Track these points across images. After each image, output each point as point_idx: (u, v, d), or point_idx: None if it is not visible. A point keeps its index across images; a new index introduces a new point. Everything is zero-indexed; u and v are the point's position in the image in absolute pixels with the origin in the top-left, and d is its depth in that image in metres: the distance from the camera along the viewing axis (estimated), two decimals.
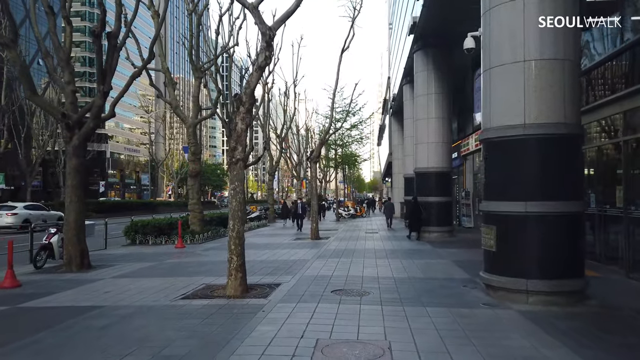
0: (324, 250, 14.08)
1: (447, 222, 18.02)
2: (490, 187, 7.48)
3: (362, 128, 34.95)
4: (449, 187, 18.45)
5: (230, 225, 8.03)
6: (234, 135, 8.04)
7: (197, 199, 19.24)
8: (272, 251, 14.29)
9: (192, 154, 19.14)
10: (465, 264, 10.86)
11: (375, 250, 14.19)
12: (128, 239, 17.93)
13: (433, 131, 17.86)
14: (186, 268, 11.19)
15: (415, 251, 13.80)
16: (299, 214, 23.41)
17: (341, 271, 10.04)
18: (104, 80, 11.37)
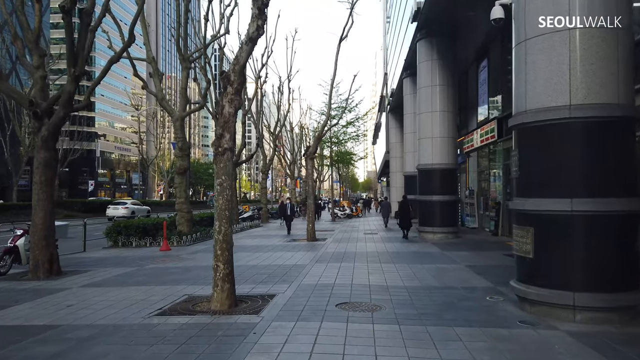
0: (322, 254, 12.86)
1: (452, 222, 16.87)
2: (526, 181, 6.29)
3: (359, 125, 33.88)
4: (454, 185, 17.32)
5: (216, 227, 6.79)
6: (220, 120, 6.80)
7: (185, 198, 17.95)
8: (265, 254, 13.04)
9: (179, 149, 17.84)
10: (481, 270, 9.68)
11: (378, 253, 13.00)
12: (110, 240, 16.61)
13: (437, 125, 16.70)
14: (168, 274, 9.92)
15: (422, 254, 12.62)
16: (288, 215, 20.74)
17: (344, 278, 8.82)
18: (75, 62, 10.06)
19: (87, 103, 11.32)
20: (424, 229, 16.95)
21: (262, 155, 33.18)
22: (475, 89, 20.61)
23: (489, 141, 17.96)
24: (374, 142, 69.73)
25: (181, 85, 18.33)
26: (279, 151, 43.41)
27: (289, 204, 21.01)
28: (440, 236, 16.52)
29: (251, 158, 29.11)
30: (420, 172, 17.37)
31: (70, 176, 79.91)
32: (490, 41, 18.03)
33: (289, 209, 20.77)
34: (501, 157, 17.30)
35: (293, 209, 21.65)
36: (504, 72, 17.23)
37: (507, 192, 17.02)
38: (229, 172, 6.83)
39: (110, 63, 11.87)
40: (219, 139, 6.78)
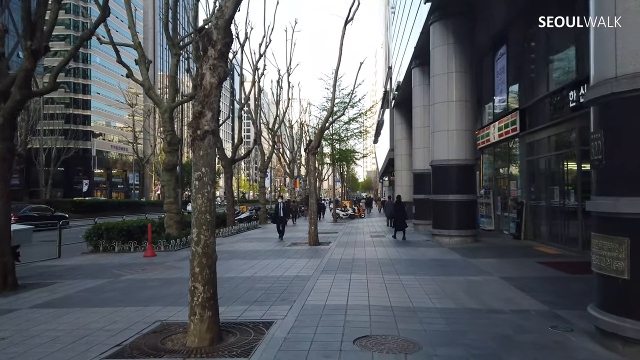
0: (328, 261, 11.17)
1: (471, 224, 15.18)
2: (616, 174, 4.60)
3: (362, 121, 32.18)
4: (473, 183, 15.64)
5: (194, 236, 5.11)
6: (200, 94, 5.12)
7: (175, 197, 16.26)
8: (262, 262, 11.35)
9: (168, 143, 16.15)
10: (521, 284, 8.00)
11: (391, 260, 11.31)
12: (89, 245, 14.93)
13: (454, 116, 15.01)
14: (145, 289, 8.24)
15: (443, 262, 10.93)
16: (281, 217, 17.95)
17: (358, 297, 7.14)
18: (32, 34, 8.37)
19: (52, 86, 9.61)
20: (439, 232, 15.27)
21: (261, 153, 31.49)
22: (491, 79, 18.93)
23: (509, 135, 16.30)
24: (376, 141, 68.03)
25: (170, 73, 16.63)
26: (278, 149, 41.76)
27: (282, 204, 18.29)
28: (457, 240, 14.85)
29: (248, 155, 27.39)
30: (434, 169, 15.69)
31: (65, 176, 78.35)
32: (510, 25, 16.37)
33: (281, 209, 18.03)
34: (524, 152, 15.63)
35: (288, 210, 19.03)
36: (527, 58, 15.57)
37: (530, 191, 15.36)
38: (210, 163, 5.14)
39: (82, 40, 10.21)
40: (197, 118, 5.09)
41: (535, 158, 14.99)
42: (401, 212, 16.79)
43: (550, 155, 13.98)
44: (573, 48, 12.35)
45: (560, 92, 12.63)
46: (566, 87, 12.21)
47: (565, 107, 12.14)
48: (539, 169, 14.83)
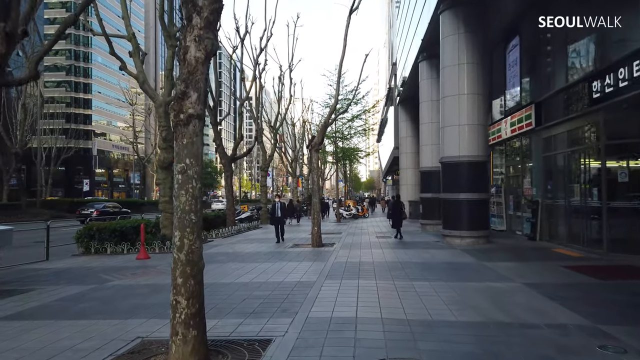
0: (333, 265, 10.33)
1: (483, 224, 14.33)
2: None
3: (366, 118, 31.33)
4: (486, 181, 14.79)
5: (176, 240, 4.28)
6: (183, 70, 4.30)
7: (171, 196, 15.45)
8: (261, 266, 10.53)
9: (163, 140, 15.35)
10: (550, 292, 7.16)
11: (401, 263, 10.46)
12: (80, 246, 14.16)
13: (465, 111, 14.16)
14: (130, 297, 7.43)
15: (457, 266, 10.08)
16: (278, 217, 16.28)
17: (369, 307, 6.31)
18: (6, 15, 7.56)
19: (32, 74, 8.81)
20: (449, 232, 14.43)
21: (262, 151, 30.67)
22: (502, 73, 18.06)
23: (522, 130, 15.42)
24: (379, 140, 67.14)
25: (166, 66, 15.83)
26: (280, 148, 40.98)
27: (278, 203, 16.58)
28: (469, 241, 14.00)
29: (249, 152, 26.57)
30: (444, 166, 14.84)
31: (66, 175, 77.87)
32: (523, 15, 15.50)
33: (278, 209, 16.34)
34: (539, 148, 14.77)
35: (285, 210, 17.29)
36: (542, 49, 14.71)
37: (546, 189, 14.51)
38: (196, 153, 4.32)
39: (65, 25, 9.41)
40: (180, 99, 4.27)
41: (552, 154, 14.12)
42: (398, 211, 16.88)
43: (570, 151, 13.12)
44: (594, 35, 11.50)
45: (580, 83, 11.77)
46: (588, 78, 11.36)
47: (587, 99, 11.28)
48: (557, 166, 13.97)
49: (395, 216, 16.95)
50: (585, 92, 11.47)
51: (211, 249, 14.40)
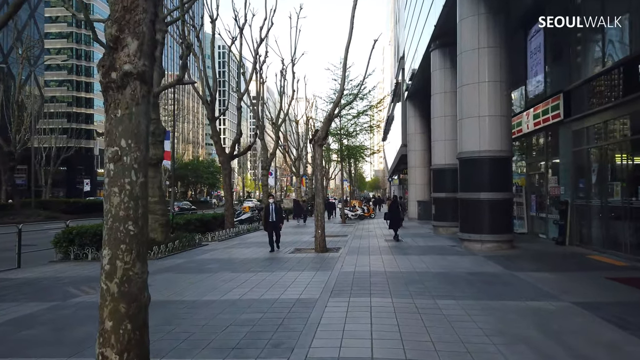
0: (339, 276, 8.87)
1: (506, 227, 12.82)
2: None
3: (372, 114, 29.84)
4: (509, 179, 13.27)
5: (104, 262, 2.84)
6: (116, 5, 2.86)
7: (160, 197, 14.08)
8: (256, 277, 9.08)
9: (150, 134, 13.93)
10: (609, 314, 5.69)
11: (418, 274, 8.99)
12: (59, 252, 12.78)
13: (487, 100, 12.67)
14: (89, 322, 6.00)
15: (484, 278, 8.59)
16: (273, 222, 13.69)
17: (388, 341, 4.84)
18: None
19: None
20: (468, 236, 12.94)
21: (264, 149, 29.27)
22: (522, 61, 16.53)
23: (548, 123, 13.92)
24: (384, 139, 65.61)
25: None
26: (282, 146, 39.55)
27: (272, 205, 13.85)
28: (490, 246, 12.52)
29: (248, 150, 25.16)
30: (462, 163, 13.36)
31: (67, 175, 76.90)
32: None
33: (273, 212, 13.73)
34: (568, 142, 13.25)
35: (282, 213, 14.56)
36: (572, 32, 13.18)
37: (577, 188, 12.99)
38: (136, 131, 2.88)
39: None
40: (112, 49, 2.84)
41: (584, 148, 12.61)
42: (396, 211, 16.41)
43: (608, 145, 11.60)
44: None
45: (622, 66, 10.27)
46: (631, 60, 9.86)
47: (631, 83, 9.78)
48: (590, 162, 12.44)
49: (394, 217, 16.30)
50: (627, 77, 9.97)
51: (204, 255, 12.98)
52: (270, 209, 13.76)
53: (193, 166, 73.15)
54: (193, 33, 21.03)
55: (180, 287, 8.16)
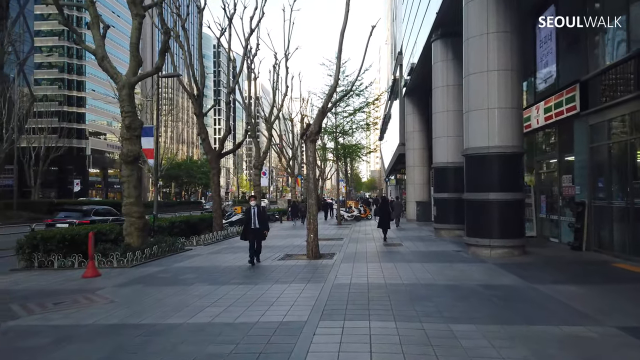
0: (332, 290, 7.62)
1: (517, 231, 11.62)
2: None
3: (369, 111, 28.62)
4: (520, 178, 12.08)
5: None
6: None
7: (136, 197, 12.78)
8: (235, 291, 7.82)
9: (126, 128, 12.66)
10: None
11: (425, 287, 7.76)
12: (22, 259, 11.46)
13: (496, 91, 11.46)
14: (16, 357, 4.74)
15: (502, 292, 7.36)
16: (255, 229, 11.15)
17: None
18: None
19: None
20: (475, 241, 11.72)
21: (255, 147, 27.98)
22: (531, 51, 15.35)
23: (562, 116, 12.75)
24: (381, 138, 64.44)
25: (131, 40, 13.11)
26: (276, 145, 38.30)
27: (254, 209, 11.25)
28: (500, 252, 11.32)
29: (238, 147, 23.85)
30: (469, 160, 12.14)
31: (59, 176, 75.44)
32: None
33: (255, 217, 11.14)
34: (585, 137, 12.06)
35: (266, 219, 11.80)
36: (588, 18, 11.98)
37: (595, 188, 11.81)
38: None
39: None
40: None
41: (604, 144, 11.42)
42: (386, 211, 16.40)
43: (633, 139, 10.40)
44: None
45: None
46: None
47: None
48: (611, 159, 11.25)
49: (383, 217, 16.24)
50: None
51: (183, 262, 11.71)
52: (252, 214, 11.19)
53: (186, 166, 71.77)
54: (179, 23, 19.77)
55: (144, 305, 6.90)
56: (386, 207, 16.70)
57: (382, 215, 16.43)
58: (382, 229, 16.20)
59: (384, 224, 16.09)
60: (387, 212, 16.45)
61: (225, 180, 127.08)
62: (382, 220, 16.21)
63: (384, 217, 16.19)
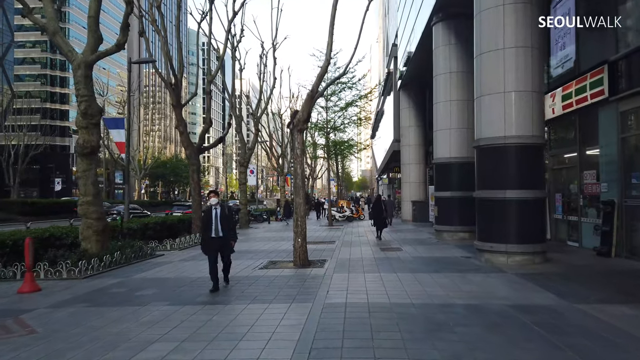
0: (323, 317, 5.88)
1: (538, 235, 9.97)
2: None
3: (362, 104, 26.97)
4: (541, 173, 10.47)
5: None
6: None
7: (94, 195, 10.95)
8: (195, 315, 6.07)
9: (82, 114, 10.82)
10: None
11: (440, 309, 6.07)
12: None
13: (513, 71, 9.83)
14: None
15: (542, 317, 5.70)
16: (215, 238, 7.88)
17: None
18: None
19: None
20: (490, 246, 10.07)
21: (241, 142, 26.18)
22: (543, 33, 13.73)
23: (585, 103, 11.16)
24: (373, 136, 62.82)
25: (89, 12, 11.28)
26: (264, 141, 36.53)
27: (216, 210, 7.92)
28: (519, 259, 9.69)
29: (220, 142, 22.04)
30: (481, 153, 10.50)
31: (41, 174, 72.86)
32: None
33: (217, 222, 7.88)
34: (615, 126, 10.47)
35: (232, 223, 8.45)
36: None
37: (628, 185, 10.21)
38: None
39: None
40: None
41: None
42: (380, 211, 16.50)
43: None
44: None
45: None
46: None
47: None
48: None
49: (377, 216, 16.47)
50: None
51: (147, 272, 9.91)
52: (213, 216, 7.80)
53: (172, 164, 69.57)
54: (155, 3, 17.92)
55: (70, 339, 5.13)
56: (380, 205, 16.81)
57: (376, 214, 16.65)
58: (376, 228, 16.43)
59: (379, 223, 16.30)
60: (381, 210, 16.62)
61: (214, 180, 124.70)
62: (377, 218, 16.43)
63: (379, 216, 16.43)
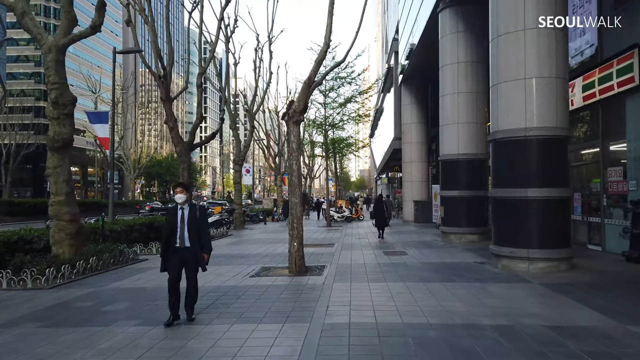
0: (322, 345, 4.79)
1: (564, 239, 8.89)
2: None
3: (362, 100, 25.86)
4: (567, 170, 9.41)
5: None
6: None
7: (67, 194, 9.84)
8: (167, 340, 4.98)
9: (53, 104, 9.70)
10: None
11: (465, 330, 4.99)
12: None
13: (535, 55, 8.76)
14: None
15: (591, 342, 4.63)
16: (183, 249, 5.66)
17: None
18: None
19: None
20: (509, 251, 8.98)
21: (236, 140, 25.07)
22: None
23: (611, 92, 10.12)
24: (372, 135, 61.74)
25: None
26: (260, 139, 35.42)
27: (183, 211, 5.75)
28: (542, 266, 8.62)
29: (212, 138, 20.89)
30: (498, 147, 9.42)
31: (34, 174, 71.59)
32: None
33: (185, 225, 5.68)
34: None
35: (206, 227, 6.02)
36: None
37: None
38: None
39: None
40: None
41: None
42: (381, 211, 16.55)
43: None
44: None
45: None
46: None
47: None
48: None
49: (379, 215, 16.56)
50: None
51: (124, 279, 8.80)
52: (178, 219, 5.72)
53: (167, 163, 68.35)
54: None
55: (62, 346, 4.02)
56: (381, 205, 16.79)
57: (377, 214, 16.66)
58: (378, 227, 16.48)
59: (380, 222, 16.38)
60: (382, 210, 16.60)
61: (211, 180, 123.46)
62: (379, 218, 16.48)
63: (380, 216, 16.48)
